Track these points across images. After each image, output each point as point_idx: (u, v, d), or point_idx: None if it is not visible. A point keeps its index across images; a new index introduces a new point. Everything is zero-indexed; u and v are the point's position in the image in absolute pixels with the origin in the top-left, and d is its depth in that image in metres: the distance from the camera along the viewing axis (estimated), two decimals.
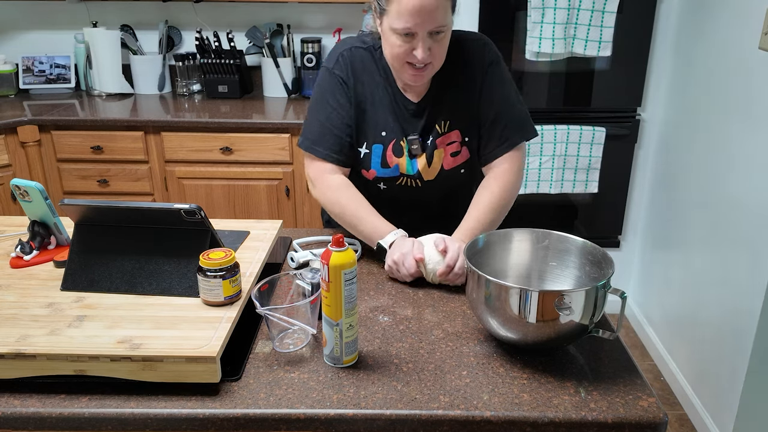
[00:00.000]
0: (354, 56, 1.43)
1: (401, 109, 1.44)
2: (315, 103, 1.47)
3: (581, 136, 2.65)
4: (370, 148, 1.46)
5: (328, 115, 1.44)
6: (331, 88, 1.43)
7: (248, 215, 2.76)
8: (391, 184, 1.50)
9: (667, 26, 2.64)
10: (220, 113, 2.73)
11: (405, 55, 1.31)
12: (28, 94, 3.08)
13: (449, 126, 1.45)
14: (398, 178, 1.48)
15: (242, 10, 3.06)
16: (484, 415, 0.96)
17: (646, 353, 2.85)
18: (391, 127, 1.44)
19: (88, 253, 1.22)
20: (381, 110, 1.44)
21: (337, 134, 1.44)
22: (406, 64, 1.33)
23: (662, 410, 0.98)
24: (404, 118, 1.44)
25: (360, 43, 1.45)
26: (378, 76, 1.44)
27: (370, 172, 1.48)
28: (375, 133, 1.45)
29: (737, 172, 2.13)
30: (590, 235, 2.77)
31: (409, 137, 1.44)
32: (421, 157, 1.46)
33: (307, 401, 0.98)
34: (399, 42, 1.30)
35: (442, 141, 1.46)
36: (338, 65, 1.43)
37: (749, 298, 2.02)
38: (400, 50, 1.31)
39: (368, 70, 1.43)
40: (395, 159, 1.46)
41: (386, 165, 1.47)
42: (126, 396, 0.99)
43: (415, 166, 1.47)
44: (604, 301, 1.05)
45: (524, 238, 1.23)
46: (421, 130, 1.45)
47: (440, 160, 1.47)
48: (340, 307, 1.03)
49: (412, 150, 1.45)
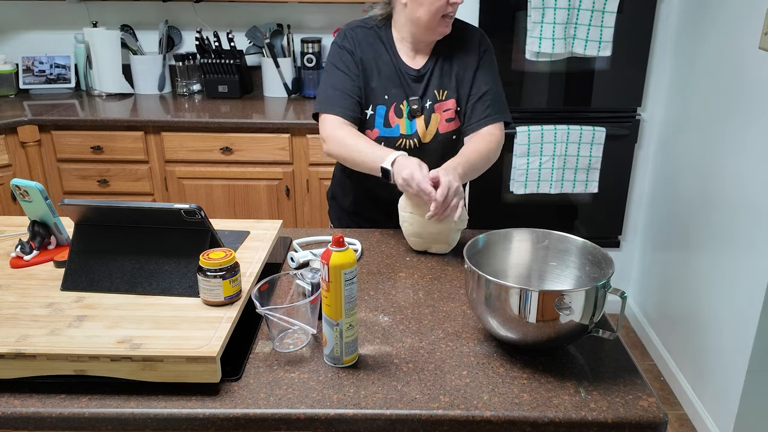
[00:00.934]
0: (358, 33, 1.62)
1: (403, 75, 1.60)
2: (326, 73, 1.63)
3: (581, 136, 2.65)
4: (375, 109, 1.61)
5: (337, 79, 1.59)
6: (340, 57, 1.60)
7: (248, 215, 2.76)
8: (391, 145, 1.61)
9: (667, 26, 2.64)
10: (220, 113, 2.73)
11: (443, 7, 1.50)
12: (28, 94, 3.08)
13: (446, 95, 1.62)
14: (398, 138, 1.62)
15: (242, 10, 3.07)
16: (484, 415, 0.96)
17: (646, 353, 2.85)
18: (393, 91, 1.60)
19: (88, 253, 1.22)
20: (384, 76, 1.60)
21: (347, 94, 1.58)
22: (441, 17, 1.51)
23: (662, 410, 0.98)
24: (406, 83, 1.61)
25: (363, 23, 1.64)
26: (381, 48, 1.61)
27: (373, 131, 1.61)
28: (379, 96, 1.60)
29: (737, 172, 2.13)
30: (590, 235, 2.77)
31: (411, 98, 1.60)
32: (420, 118, 1.61)
33: (307, 401, 0.98)
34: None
35: (440, 107, 1.62)
36: (346, 39, 1.61)
37: (749, 298, 2.02)
38: (439, 3, 1.48)
39: (372, 44, 1.61)
40: (396, 119, 1.61)
41: (388, 125, 1.61)
42: (126, 396, 0.99)
43: (414, 126, 1.61)
44: (604, 301, 1.05)
45: (524, 238, 1.23)
46: (421, 93, 1.61)
47: (436, 123, 1.62)
48: (340, 307, 1.03)
49: (413, 110, 1.60)
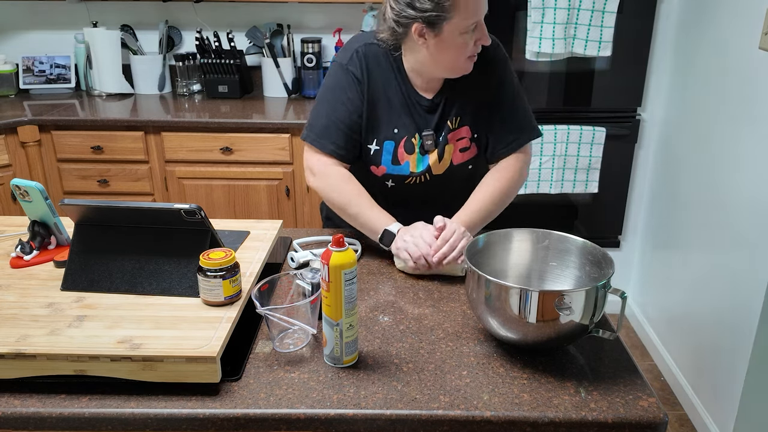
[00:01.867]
0: (368, 53, 1.44)
1: (415, 106, 1.46)
2: (324, 97, 1.47)
3: (581, 136, 2.65)
4: (381, 144, 1.46)
5: (336, 109, 1.44)
6: (343, 84, 1.44)
7: (248, 215, 2.76)
8: (399, 182, 1.51)
9: (667, 26, 2.64)
10: (220, 113, 2.73)
11: (471, 50, 1.37)
12: (28, 94, 3.08)
13: (460, 122, 1.48)
14: (408, 176, 1.50)
15: (242, 10, 3.07)
16: (484, 415, 0.96)
17: (646, 353, 2.85)
18: (404, 123, 1.46)
19: (88, 253, 1.22)
20: (394, 107, 1.45)
21: (344, 130, 1.44)
22: (467, 58, 1.38)
23: (662, 410, 0.98)
24: (418, 115, 1.46)
25: (374, 40, 1.45)
26: (391, 74, 1.44)
27: (380, 168, 1.49)
28: (387, 130, 1.46)
29: (737, 172, 2.13)
30: (590, 235, 2.77)
31: (424, 133, 1.46)
32: (433, 152, 1.48)
33: (307, 401, 0.98)
34: (468, 39, 1.35)
35: (453, 136, 1.48)
36: (352, 62, 1.43)
37: (749, 298, 2.02)
38: (468, 47, 1.36)
39: (382, 68, 1.44)
40: (406, 156, 1.47)
41: (397, 162, 1.48)
42: (126, 396, 0.99)
43: (426, 162, 1.48)
44: (604, 301, 1.05)
45: (524, 238, 1.23)
46: (434, 126, 1.47)
47: (450, 155, 1.49)
48: (340, 307, 1.03)
49: (426, 145, 1.46)
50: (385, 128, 1.46)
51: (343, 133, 1.44)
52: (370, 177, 1.51)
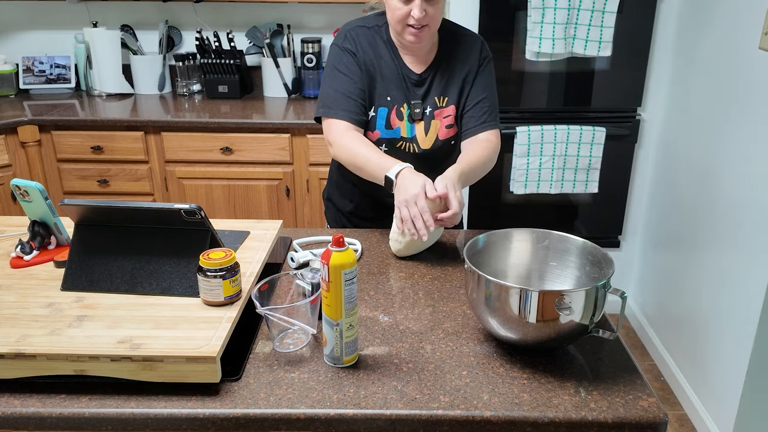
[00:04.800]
0: (359, 33, 1.59)
1: (405, 79, 1.59)
2: (327, 75, 1.61)
3: (581, 136, 2.65)
4: (376, 111, 1.59)
5: (341, 82, 1.57)
6: (342, 59, 1.58)
7: (248, 215, 2.76)
8: (392, 147, 1.61)
9: (667, 26, 2.64)
10: (220, 113, 2.73)
11: (404, 17, 1.47)
12: (28, 94, 3.08)
13: (446, 101, 1.61)
14: (399, 140, 1.61)
15: (242, 10, 3.07)
16: (484, 415, 0.96)
17: (646, 353, 2.85)
18: (395, 93, 1.59)
19: (88, 253, 1.22)
20: (387, 79, 1.58)
21: (351, 97, 1.56)
22: (407, 26, 1.48)
23: (662, 410, 0.98)
24: (407, 87, 1.59)
25: (363, 23, 1.61)
26: (383, 50, 1.59)
27: (374, 132, 1.60)
28: (381, 98, 1.59)
29: (737, 172, 2.13)
30: (590, 235, 2.77)
31: (413, 102, 1.59)
32: (420, 123, 1.61)
33: (307, 401, 0.98)
34: (399, 5, 1.46)
35: (440, 113, 1.61)
36: (347, 40, 1.59)
37: (749, 298, 2.02)
38: (400, 12, 1.46)
39: (373, 45, 1.58)
40: (397, 122, 1.60)
41: (389, 126, 1.60)
42: (126, 396, 0.99)
43: (413, 130, 1.61)
44: (604, 301, 1.05)
45: (524, 238, 1.23)
46: (421, 97, 1.60)
47: (436, 130, 1.62)
48: (340, 307, 1.03)
49: (414, 114, 1.59)
50: (379, 97, 1.59)
51: (351, 99, 1.56)
52: None
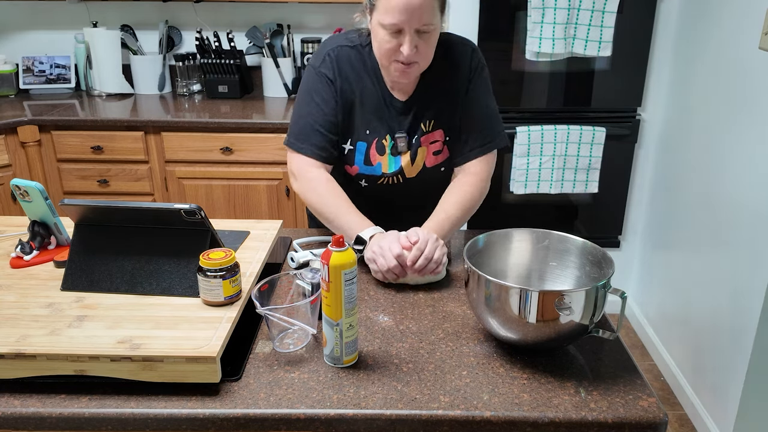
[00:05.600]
0: (340, 55, 1.44)
1: (388, 107, 1.46)
2: (300, 101, 1.48)
3: (581, 136, 2.65)
4: (354, 144, 1.47)
5: (312, 112, 1.44)
6: (317, 86, 1.44)
7: (248, 215, 2.76)
8: (372, 182, 1.51)
9: (667, 26, 2.64)
10: (220, 113, 2.73)
11: (392, 52, 1.33)
12: (28, 94, 3.08)
13: (433, 125, 1.48)
14: (380, 177, 1.50)
15: (242, 10, 3.07)
16: (484, 415, 0.96)
17: (646, 353, 2.85)
18: (375, 125, 1.46)
19: (88, 253, 1.22)
20: (368, 108, 1.45)
21: (321, 131, 1.44)
22: (394, 61, 1.35)
23: (662, 410, 0.98)
24: (391, 116, 1.46)
25: (346, 41, 1.46)
26: (365, 74, 1.45)
27: (353, 168, 1.50)
28: (360, 131, 1.47)
29: (737, 172, 2.13)
30: (590, 235, 2.77)
31: (397, 135, 1.46)
32: (406, 154, 1.48)
33: (307, 401, 0.98)
34: (387, 38, 1.32)
35: (426, 139, 1.49)
36: (324, 64, 1.44)
37: (749, 298, 2.02)
38: (388, 46, 1.33)
39: (355, 69, 1.44)
40: (378, 157, 1.48)
41: (369, 162, 1.49)
42: (126, 396, 0.99)
43: (398, 163, 1.49)
44: (604, 301, 1.05)
45: (524, 238, 1.23)
46: (407, 128, 1.47)
47: (423, 158, 1.50)
48: (340, 307, 1.03)
49: (399, 146, 1.47)
50: (358, 129, 1.47)
51: (320, 134, 1.44)
52: (346, 176, 1.52)
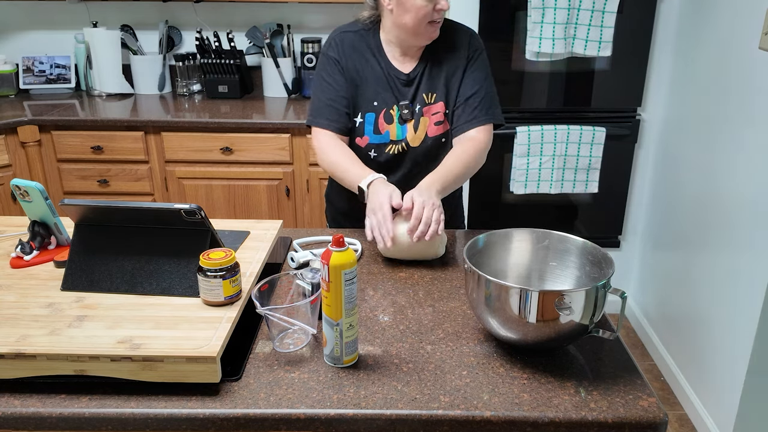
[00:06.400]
0: (344, 39, 1.62)
1: (393, 80, 1.60)
2: (314, 84, 1.65)
3: (581, 136, 2.65)
4: (364, 117, 1.61)
5: (325, 90, 1.61)
6: (327, 68, 1.62)
7: (248, 215, 2.76)
8: (380, 151, 1.63)
9: (667, 26, 2.64)
10: (220, 113, 2.73)
11: (430, 13, 1.48)
12: (28, 94, 3.08)
13: (435, 98, 1.61)
14: (388, 144, 1.62)
15: (242, 10, 3.07)
16: (484, 415, 0.96)
17: (646, 353, 2.85)
18: (383, 96, 1.60)
19: (88, 253, 1.22)
20: (373, 83, 1.60)
21: (335, 106, 1.59)
22: (428, 23, 1.50)
23: (662, 410, 0.98)
24: (396, 88, 1.60)
25: (349, 28, 1.65)
26: (369, 54, 1.61)
27: (363, 138, 1.62)
28: (368, 104, 1.61)
29: (737, 172, 2.13)
30: (590, 235, 2.77)
31: (401, 103, 1.60)
32: (411, 122, 1.61)
33: (307, 401, 0.98)
34: (424, 3, 1.46)
35: (428, 110, 1.61)
36: (331, 48, 1.62)
37: (749, 298, 2.02)
38: (426, 10, 1.47)
39: (358, 50, 1.61)
40: (386, 125, 1.61)
41: (378, 131, 1.62)
42: (126, 396, 0.99)
43: (405, 131, 1.62)
44: (604, 301, 1.05)
45: (524, 238, 1.23)
46: (410, 98, 1.61)
47: (425, 127, 1.62)
48: (340, 307, 1.03)
49: (403, 115, 1.60)
50: (366, 102, 1.60)
51: (334, 108, 1.59)
52: (357, 149, 1.63)
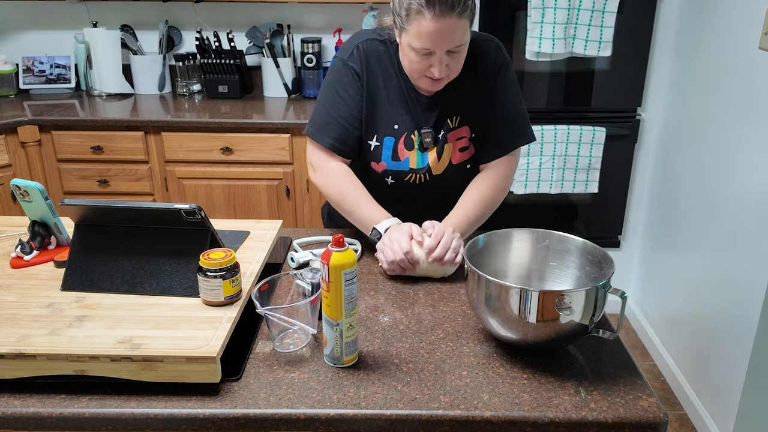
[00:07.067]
0: (369, 49, 1.44)
1: (414, 103, 1.46)
2: (325, 92, 1.48)
3: (581, 136, 2.65)
4: (381, 140, 1.47)
5: (336, 105, 1.45)
6: (343, 79, 1.45)
7: (248, 215, 2.76)
8: (399, 179, 1.51)
9: (667, 26, 2.64)
10: (220, 113, 2.73)
11: (423, 70, 1.35)
12: (28, 94, 3.08)
13: (459, 121, 1.48)
14: (407, 173, 1.50)
15: (242, 10, 3.06)
16: (484, 415, 0.96)
17: (646, 353, 2.85)
18: (404, 120, 1.46)
19: (88, 253, 1.22)
20: (394, 104, 1.45)
21: (343, 125, 1.45)
22: (423, 76, 1.37)
23: (662, 410, 0.98)
24: (417, 112, 1.46)
25: (376, 35, 1.46)
26: (392, 70, 1.45)
27: (380, 164, 1.49)
28: (387, 126, 1.46)
29: (737, 172, 2.13)
30: (590, 235, 2.77)
31: (423, 130, 1.46)
32: (432, 150, 1.48)
33: (307, 401, 0.98)
34: (417, 59, 1.33)
35: (453, 136, 1.48)
36: (353, 57, 1.44)
37: (749, 297, 2.02)
38: (417, 66, 1.34)
39: (382, 64, 1.44)
40: (406, 152, 1.47)
41: (397, 158, 1.48)
42: (126, 396, 0.99)
43: (426, 159, 1.49)
44: (604, 301, 1.05)
45: (524, 238, 1.23)
46: (433, 124, 1.47)
47: (449, 154, 1.49)
48: (340, 307, 1.03)
49: (425, 143, 1.47)
50: (385, 125, 1.46)
51: (343, 128, 1.45)
52: (370, 173, 1.51)
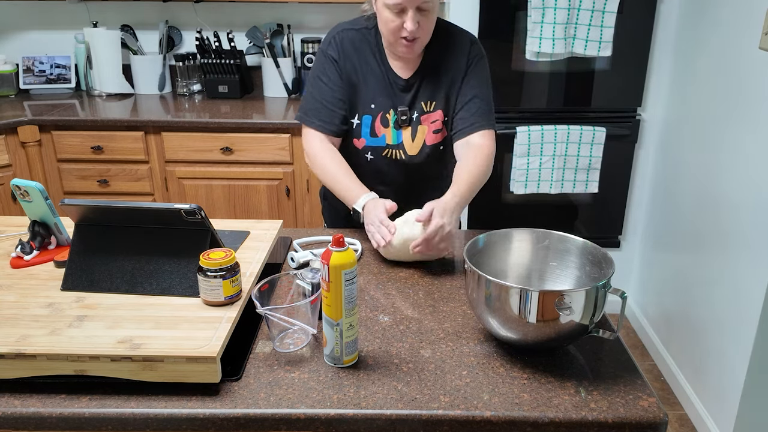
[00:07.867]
0: (344, 38, 1.59)
1: (391, 84, 1.58)
2: (310, 81, 1.63)
3: (581, 136, 2.65)
4: (361, 119, 1.60)
5: (320, 90, 1.59)
6: (324, 67, 1.59)
7: (248, 215, 2.76)
8: (377, 155, 1.62)
9: (667, 26, 2.64)
10: (220, 113, 2.73)
11: (397, 30, 1.46)
12: (28, 94, 3.08)
13: (434, 106, 1.60)
14: (384, 148, 1.61)
15: (242, 10, 3.07)
16: (484, 415, 0.96)
17: (646, 353, 2.85)
18: (380, 100, 1.58)
19: (88, 253, 1.22)
20: (371, 85, 1.58)
21: (327, 106, 1.58)
22: (399, 38, 1.48)
23: (662, 410, 0.98)
24: (394, 93, 1.58)
25: (352, 25, 1.61)
26: (369, 55, 1.58)
27: (360, 140, 1.61)
28: (365, 106, 1.59)
29: (737, 172, 2.13)
30: (590, 235, 2.77)
31: (399, 108, 1.58)
32: (407, 129, 1.60)
33: (307, 401, 0.99)
34: (391, 17, 1.45)
35: (427, 118, 1.60)
36: (330, 46, 1.59)
37: (749, 298, 2.02)
38: (392, 25, 1.46)
39: (359, 50, 1.58)
40: (383, 129, 1.60)
41: (374, 134, 1.60)
42: (126, 396, 0.99)
43: (400, 136, 1.61)
44: (604, 301, 1.05)
45: (524, 238, 1.23)
46: (408, 104, 1.59)
47: (423, 135, 1.61)
48: (340, 307, 1.03)
49: (400, 120, 1.59)
50: (364, 104, 1.59)
51: (327, 109, 1.57)
52: (353, 151, 1.63)
